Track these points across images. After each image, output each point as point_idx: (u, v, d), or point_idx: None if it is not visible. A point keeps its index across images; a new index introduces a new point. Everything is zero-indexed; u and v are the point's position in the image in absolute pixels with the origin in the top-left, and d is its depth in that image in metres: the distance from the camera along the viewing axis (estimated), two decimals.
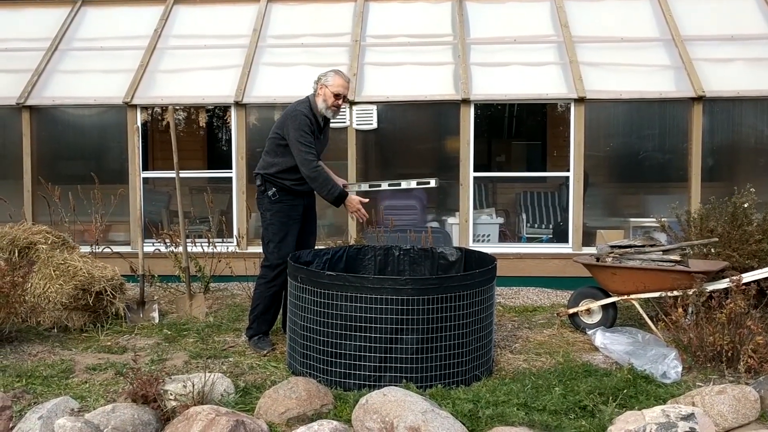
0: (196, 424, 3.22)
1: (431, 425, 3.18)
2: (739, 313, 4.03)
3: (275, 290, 4.65)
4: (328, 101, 4.55)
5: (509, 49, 7.40)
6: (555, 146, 9.14)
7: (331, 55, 7.46)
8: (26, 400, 3.74)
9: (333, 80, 4.55)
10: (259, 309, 4.68)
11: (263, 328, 4.70)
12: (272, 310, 4.72)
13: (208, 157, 9.85)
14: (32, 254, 5.20)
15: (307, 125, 4.46)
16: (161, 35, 7.74)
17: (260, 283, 4.69)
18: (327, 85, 4.54)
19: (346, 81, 4.61)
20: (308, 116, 4.50)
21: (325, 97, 4.54)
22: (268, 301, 4.66)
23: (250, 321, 4.75)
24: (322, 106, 4.55)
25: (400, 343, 3.78)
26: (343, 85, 4.57)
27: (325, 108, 4.56)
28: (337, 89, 4.54)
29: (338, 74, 4.60)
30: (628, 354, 4.27)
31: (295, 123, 4.46)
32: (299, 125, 4.45)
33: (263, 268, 4.68)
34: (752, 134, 7.17)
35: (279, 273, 4.58)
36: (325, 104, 4.55)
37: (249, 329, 4.76)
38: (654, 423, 3.27)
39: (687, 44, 7.16)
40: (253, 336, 4.71)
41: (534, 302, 6.15)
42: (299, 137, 4.43)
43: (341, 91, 4.56)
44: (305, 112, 4.51)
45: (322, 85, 4.56)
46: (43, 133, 7.32)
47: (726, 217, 5.39)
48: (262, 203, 4.69)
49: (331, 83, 4.54)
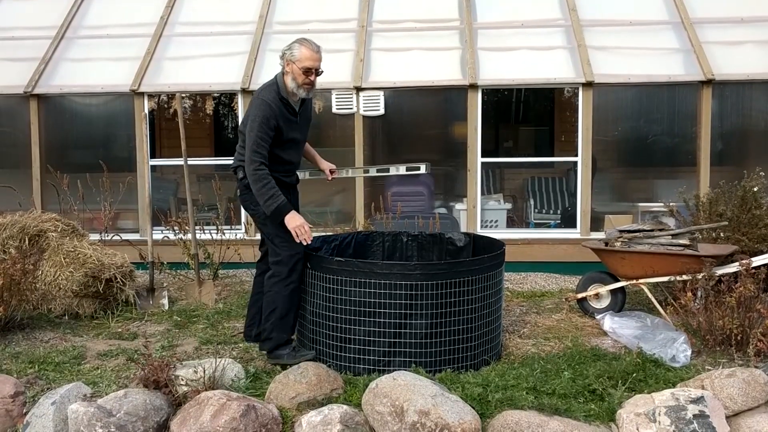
0: (208, 409, 3.25)
1: (441, 409, 3.20)
2: (748, 297, 4.03)
3: (293, 287, 3.96)
4: (297, 79, 3.88)
5: (517, 34, 7.35)
6: (563, 131, 9.10)
7: (337, 40, 7.43)
8: (39, 386, 3.78)
9: (299, 53, 3.87)
10: (276, 314, 3.95)
11: (284, 336, 3.98)
12: (292, 312, 4.00)
13: (215, 145, 9.86)
14: (42, 242, 5.24)
15: (267, 119, 3.82)
16: (167, 22, 7.72)
17: (274, 282, 3.96)
18: (293, 61, 3.88)
19: (314, 51, 3.89)
20: (273, 105, 3.86)
21: (294, 74, 3.89)
22: (287, 302, 3.95)
23: (267, 331, 3.99)
24: (293, 86, 3.91)
25: (409, 327, 3.80)
26: (311, 57, 3.87)
27: (296, 87, 3.91)
28: (306, 63, 3.86)
29: (303, 45, 3.89)
30: (637, 338, 4.27)
31: (255, 113, 3.84)
32: (259, 118, 3.82)
33: (275, 266, 3.98)
34: (762, 117, 7.11)
35: (294, 266, 3.95)
36: (295, 83, 3.90)
37: (267, 341, 4.00)
38: (663, 406, 3.28)
39: (696, 27, 7.09)
40: (275, 349, 3.97)
41: (542, 287, 6.15)
42: (256, 130, 3.81)
43: (310, 64, 3.87)
44: (270, 100, 3.86)
45: (288, 60, 3.90)
46: (50, 122, 7.33)
47: (735, 201, 5.36)
48: (249, 199, 4.01)
49: (298, 57, 3.86)
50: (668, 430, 3.19)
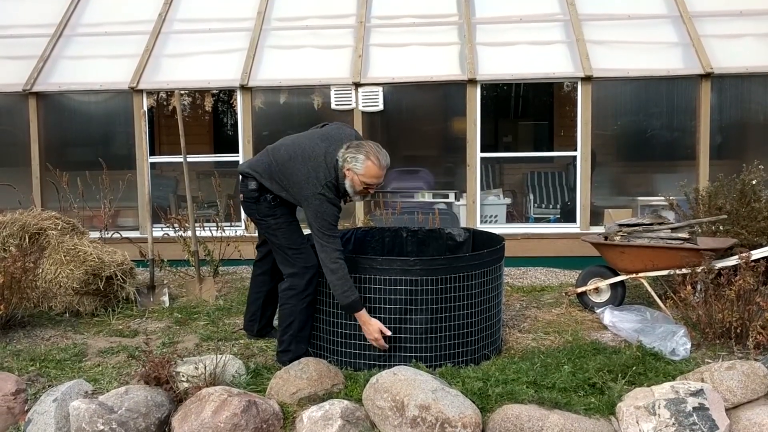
0: (209, 405, 3.26)
1: (441, 403, 3.21)
2: (747, 290, 4.04)
3: (310, 300, 3.92)
4: (356, 187, 3.78)
5: (515, 28, 7.34)
6: (562, 126, 9.10)
7: (336, 36, 7.42)
8: (40, 384, 3.79)
9: (365, 169, 3.71)
10: (295, 326, 3.92)
11: (302, 348, 3.96)
12: (309, 323, 3.98)
13: (215, 142, 9.87)
14: (42, 240, 5.24)
15: (333, 215, 3.74)
16: (165, 19, 7.71)
17: (289, 296, 3.91)
18: (357, 173, 3.72)
19: (381, 169, 3.73)
20: (335, 203, 3.77)
21: (353, 183, 3.76)
22: (304, 315, 3.93)
23: (285, 343, 3.96)
24: (350, 191, 3.81)
25: (409, 323, 3.80)
26: (376, 175, 3.73)
27: (353, 193, 3.82)
28: (369, 180, 3.75)
29: (370, 159, 3.70)
30: (637, 332, 4.28)
31: (320, 211, 3.72)
32: (325, 215, 3.71)
33: (289, 278, 3.93)
34: (761, 111, 7.11)
35: (311, 279, 3.89)
36: (353, 190, 3.79)
37: (285, 353, 3.95)
38: (663, 399, 3.29)
39: (695, 20, 7.09)
40: (294, 360, 3.82)
41: (542, 282, 6.16)
42: (323, 228, 3.70)
43: (374, 181, 3.77)
44: (331, 199, 3.74)
45: (350, 169, 3.74)
46: (49, 120, 7.33)
47: (734, 194, 5.37)
48: (257, 209, 3.98)
49: (363, 173, 3.72)
50: (668, 423, 3.20)
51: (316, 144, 3.90)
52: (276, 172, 3.90)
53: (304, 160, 3.82)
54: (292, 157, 3.87)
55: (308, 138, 4.01)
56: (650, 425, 3.21)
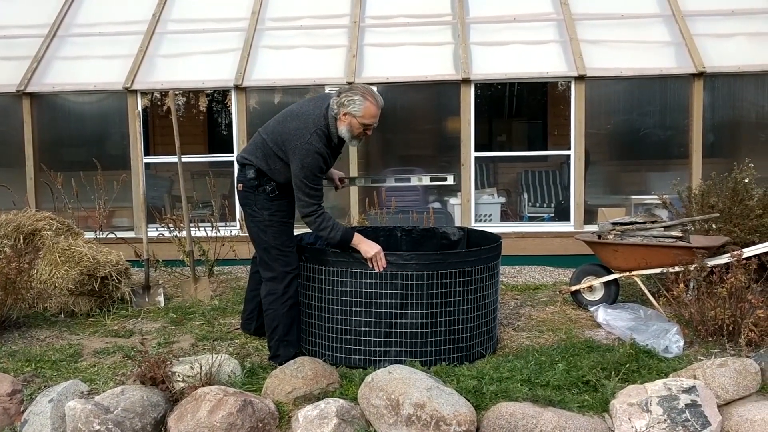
0: (205, 405, 3.27)
1: (436, 401, 3.22)
2: (740, 288, 4.06)
3: (291, 303, 3.91)
4: (353, 131, 3.77)
5: (509, 28, 7.37)
6: (556, 125, 9.13)
7: (330, 36, 7.43)
8: (36, 384, 3.79)
9: (363, 110, 3.71)
10: (280, 331, 3.91)
11: (291, 350, 3.92)
12: (294, 326, 3.96)
13: (209, 142, 9.87)
14: (37, 241, 5.24)
15: (319, 167, 3.72)
16: (159, 19, 7.71)
17: (270, 301, 3.90)
18: (355, 115, 3.71)
19: (378, 109, 3.76)
20: (323, 153, 3.73)
21: (350, 126, 3.75)
22: (288, 319, 3.91)
23: (273, 348, 3.98)
24: (346, 136, 3.79)
25: (404, 318, 3.82)
26: (375, 114, 3.74)
27: (350, 138, 3.80)
28: (367, 120, 3.75)
29: (368, 100, 3.71)
30: (631, 329, 4.30)
31: (305, 161, 3.68)
32: (310, 166, 3.69)
33: (269, 282, 3.90)
34: (753, 109, 7.16)
35: (290, 282, 3.89)
36: (349, 134, 3.78)
37: (275, 357, 3.95)
38: (656, 396, 3.31)
39: (687, 20, 7.13)
40: (285, 362, 3.78)
41: (536, 280, 6.18)
42: (306, 178, 3.69)
43: (372, 121, 3.77)
44: (319, 149, 3.70)
45: (348, 113, 3.72)
46: (44, 120, 7.32)
47: (727, 192, 5.40)
48: (254, 200, 3.88)
49: (361, 114, 3.71)
50: (660, 420, 3.23)
51: (304, 104, 3.96)
52: (269, 147, 3.84)
53: (293, 117, 3.83)
54: (281, 121, 3.89)
55: (296, 104, 4.06)
56: (643, 422, 3.24)
